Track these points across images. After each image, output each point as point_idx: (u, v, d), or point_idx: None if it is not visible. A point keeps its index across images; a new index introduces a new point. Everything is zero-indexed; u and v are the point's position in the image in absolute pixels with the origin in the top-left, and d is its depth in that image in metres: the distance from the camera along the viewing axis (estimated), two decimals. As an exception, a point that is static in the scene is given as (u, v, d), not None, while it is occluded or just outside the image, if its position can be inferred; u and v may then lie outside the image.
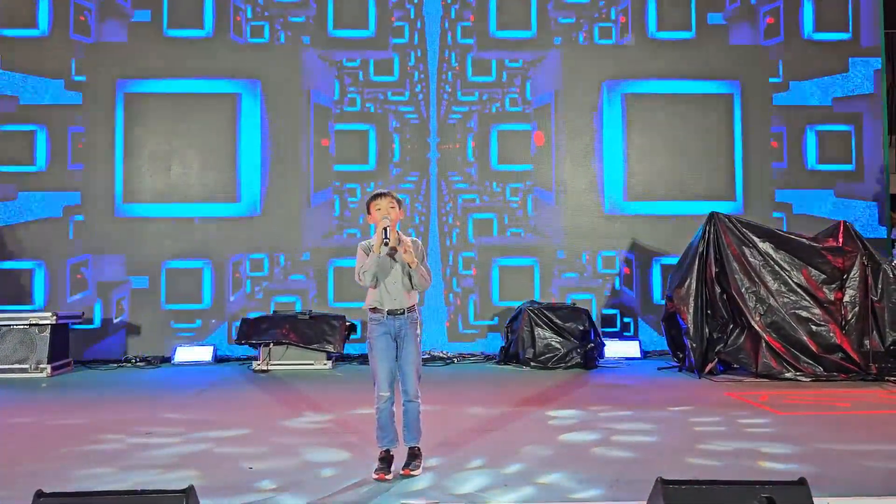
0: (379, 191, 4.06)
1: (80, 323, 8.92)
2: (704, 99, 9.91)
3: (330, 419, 5.44)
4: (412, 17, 9.83)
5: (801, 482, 2.83)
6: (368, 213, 4.02)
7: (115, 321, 9.38)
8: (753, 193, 9.84)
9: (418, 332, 4.02)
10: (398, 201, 4.01)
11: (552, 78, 9.87)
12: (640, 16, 9.94)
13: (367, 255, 3.92)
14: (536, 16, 9.90)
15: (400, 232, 3.94)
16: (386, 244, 3.81)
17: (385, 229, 3.83)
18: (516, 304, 9.20)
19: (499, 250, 9.77)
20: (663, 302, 8.61)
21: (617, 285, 9.73)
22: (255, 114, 9.63)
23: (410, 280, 3.98)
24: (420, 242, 4.12)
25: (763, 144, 9.89)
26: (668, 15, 9.93)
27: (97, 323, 9.35)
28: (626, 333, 9.69)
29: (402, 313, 3.96)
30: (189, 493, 2.77)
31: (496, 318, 9.61)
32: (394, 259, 3.95)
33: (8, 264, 9.33)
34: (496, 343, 9.42)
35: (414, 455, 3.91)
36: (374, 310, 3.99)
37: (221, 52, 9.65)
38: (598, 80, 9.88)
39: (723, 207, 8.73)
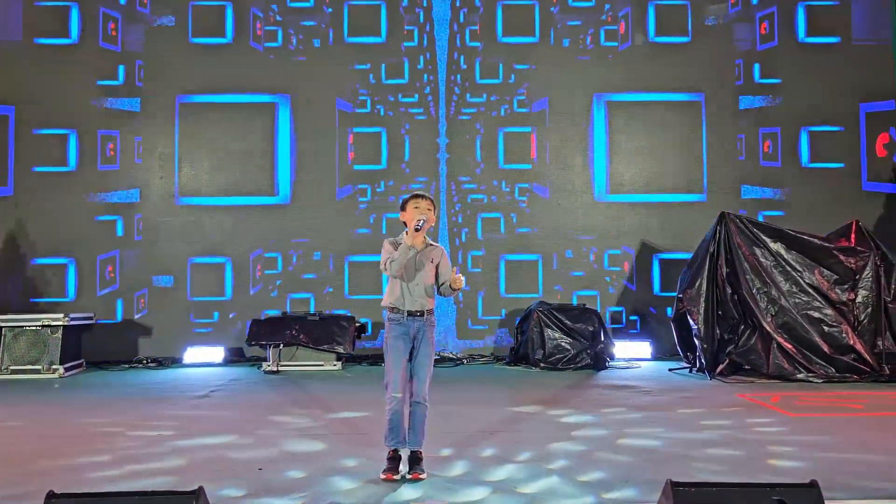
0: (419, 192, 4.14)
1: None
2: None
3: (336, 420, 5.45)
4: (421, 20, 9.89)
5: (813, 485, 2.81)
6: (403, 210, 4.08)
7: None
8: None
9: (434, 335, 4.04)
10: (434, 206, 4.11)
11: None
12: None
13: (395, 249, 3.97)
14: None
15: (425, 237, 4.05)
16: (417, 228, 3.90)
17: (420, 220, 3.92)
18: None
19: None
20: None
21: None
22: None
23: (435, 286, 4.07)
24: (444, 249, 4.20)
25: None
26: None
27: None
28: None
29: (422, 315, 3.97)
30: (199, 494, 2.78)
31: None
32: (417, 263, 3.98)
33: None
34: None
35: (418, 459, 3.90)
36: (392, 309, 4.00)
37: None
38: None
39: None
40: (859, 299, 7.39)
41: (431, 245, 4.10)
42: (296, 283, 9.57)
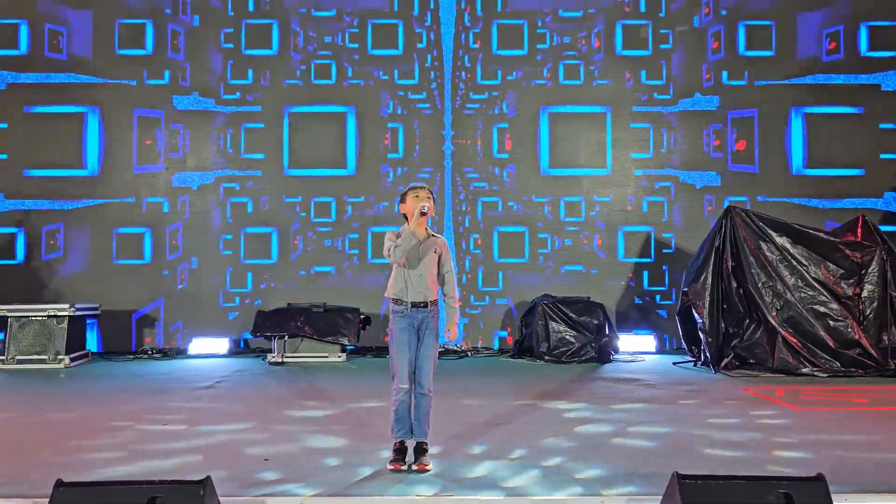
0: (419, 183, 4.18)
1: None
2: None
3: (342, 412, 5.46)
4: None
5: (819, 478, 2.81)
6: (403, 201, 4.10)
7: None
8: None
9: (438, 326, 4.05)
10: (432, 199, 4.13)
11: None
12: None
13: (396, 238, 3.99)
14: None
15: (428, 228, 4.06)
16: (424, 213, 3.92)
17: (424, 205, 3.94)
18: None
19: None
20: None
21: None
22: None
23: (438, 278, 4.08)
24: (446, 241, 4.20)
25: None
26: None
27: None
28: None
29: (426, 306, 3.98)
30: (206, 483, 2.79)
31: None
32: (420, 252, 3.99)
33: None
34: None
35: (423, 450, 3.91)
36: (397, 301, 4.01)
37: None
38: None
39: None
40: (865, 294, 7.37)
41: (434, 236, 4.11)
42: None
